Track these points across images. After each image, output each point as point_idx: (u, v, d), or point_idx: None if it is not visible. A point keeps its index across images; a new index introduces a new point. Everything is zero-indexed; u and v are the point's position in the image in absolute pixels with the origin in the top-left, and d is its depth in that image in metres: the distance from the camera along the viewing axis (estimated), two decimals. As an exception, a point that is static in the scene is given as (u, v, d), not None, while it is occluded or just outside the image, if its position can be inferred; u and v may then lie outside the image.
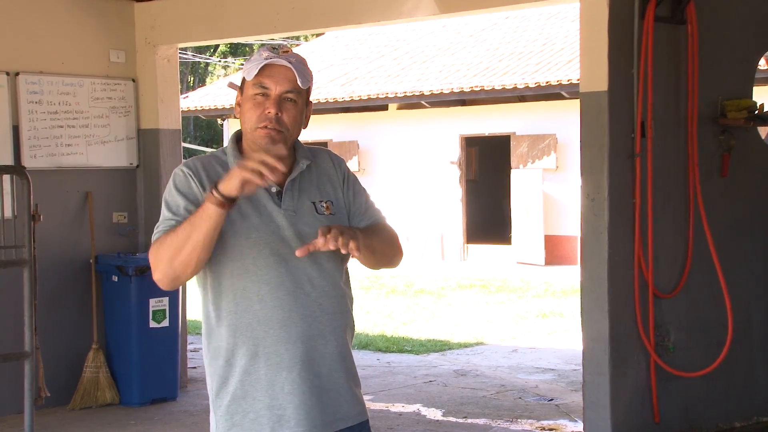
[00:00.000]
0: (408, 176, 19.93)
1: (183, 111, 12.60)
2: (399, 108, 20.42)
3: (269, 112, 2.74)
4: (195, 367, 8.35)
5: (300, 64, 2.78)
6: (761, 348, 6.57)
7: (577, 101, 6.01)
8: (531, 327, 11.31)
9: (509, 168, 19.10)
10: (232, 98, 3.25)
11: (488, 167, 21.01)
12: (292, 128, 2.78)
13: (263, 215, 2.77)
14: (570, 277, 15.01)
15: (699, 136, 6.11)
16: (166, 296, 7.27)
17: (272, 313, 2.75)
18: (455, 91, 18.64)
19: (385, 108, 20.43)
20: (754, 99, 6.46)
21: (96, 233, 7.51)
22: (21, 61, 7.23)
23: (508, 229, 19.33)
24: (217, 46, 36.79)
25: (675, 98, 6.08)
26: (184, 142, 27.30)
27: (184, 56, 32.05)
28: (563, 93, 17.59)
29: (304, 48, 25.17)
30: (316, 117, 18.45)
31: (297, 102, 2.78)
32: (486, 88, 18.27)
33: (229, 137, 3.73)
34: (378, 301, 13.73)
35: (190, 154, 26.51)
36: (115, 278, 7.25)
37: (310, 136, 18.62)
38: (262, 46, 2.84)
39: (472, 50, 20.49)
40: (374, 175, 19.95)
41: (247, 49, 35.52)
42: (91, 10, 7.61)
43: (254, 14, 7.43)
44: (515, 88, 17.94)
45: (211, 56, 38.07)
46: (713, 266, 6.04)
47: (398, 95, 19.43)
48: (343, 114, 20.88)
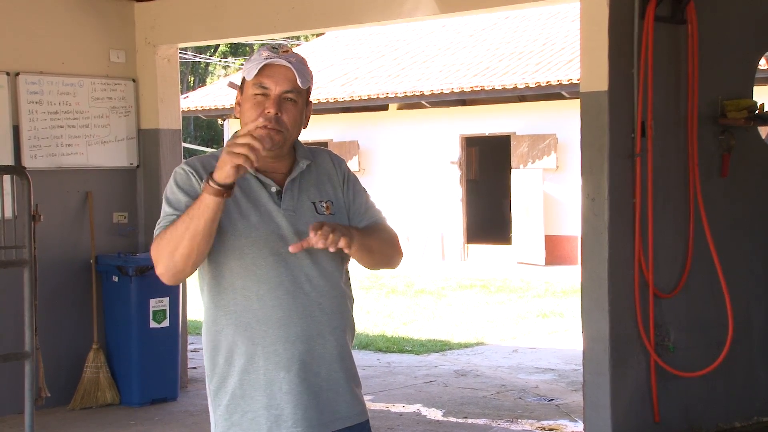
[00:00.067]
0: (408, 176, 19.92)
1: (183, 111, 12.59)
2: (399, 108, 20.41)
3: (269, 112, 2.74)
4: (195, 367, 8.35)
5: (300, 64, 2.77)
6: (761, 348, 6.56)
7: (578, 101, 6.01)
8: (531, 327, 11.30)
9: (509, 168, 19.10)
10: (232, 98, 3.25)
11: (488, 167, 21.01)
12: (291, 128, 2.78)
13: (263, 215, 2.77)
14: (570, 277, 15.00)
15: (699, 136, 6.11)
16: (166, 296, 7.28)
17: (271, 313, 2.75)
18: (455, 91, 18.64)
19: (385, 108, 20.43)
20: (754, 99, 6.46)
21: (96, 233, 7.51)
22: (21, 61, 7.24)
23: (508, 229, 19.32)
24: (217, 46, 36.79)
25: (675, 98, 6.08)
26: (185, 142, 27.28)
27: (184, 56, 32.05)
28: (563, 93, 17.59)
29: (304, 48, 25.16)
30: (317, 117, 18.47)
31: (297, 102, 2.77)
32: (486, 88, 18.26)
33: (229, 137, 3.73)
34: (378, 301, 13.72)
35: (190, 154, 26.50)
36: (116, 278, 7.25)
37: (310, 136, 18.61)
38: (262, 46, 2.84)
39: (472, 50, 20.49)
40: (374, 175, 19.94)
41: (247, 49, 35.51)
42: (91, 10, 7.61)
43: (254, 14, 7.43)
44: (515, 88, 17.94)
45: (211, 56, 38.07)
46: (713, 266, 6.04)
47: (398, 95, 19.42)
48: (343, 114, 20.88)
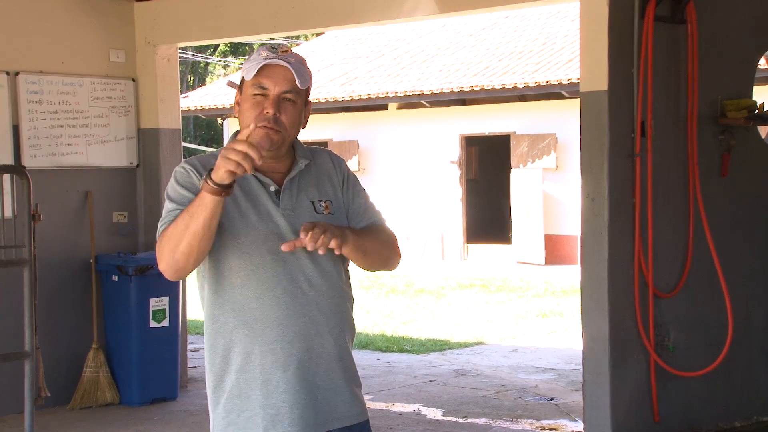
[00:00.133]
0: (408, 176, 19.92)
1: (183, 110, 12.59)
2: (399, 107, 20.41)
3: (268, 112, 2.74)
4: (195, 367, 8.35)
5: (299, 64, 2.77)
6: (761, 348, 6.56)
7: (577, 101, 6.01)
8: (531, 327, 11.30)
9: (509, 167, 19.10)
10: (232, 98, 3.24)
11: (488, 167, 21.02)
12: (290, 128, 2.78)
13: (262, 214, 2.77)
14: (570, 276, 15.00)
15: (699, 136, 6.11)
16: (166, 296, 7.28)
17: (269, 312, 2.75)
18: (455, 90, 18.64)
19: (385, 107, 20.43)
20: (754, 98, 6.45)
21: (96, 233, 7.51)
22: (21, 61, 7.23)
23: (508, 229, 19.33)
24: (217, 45, 36.79)
25: (675, 98, 6.08)
26: (184, 141, 27.29)
27: (184, 56, 32.05)
28: (563, 92, 17.59)
29: (304, 47, 25.16)
30: (316, 117, 18.46)
31: (296, 102, 2.77)
32: (486, 88, 18.26)
33: (228, 137, 3.74)
34: (378, 301, 13.72)
35: (190, 153, 26.50)
36: (115, 278, 7.25)
37: (310, 136, 18.62)
38: (262, 46, 2.84)
39: (472, 50, 20.48)
40: (374, 175, 19.94)
41: (247, 48, 35.50)
42: (91, 10, 7.61)
43: (254, 14, 7.43)
44: (515, 88, 17.94)
45: (211, 56, 38.07)
46: (713, 266, 6.04)
47: (398, 95, 19.42)
48: (343, 113, 20.88)
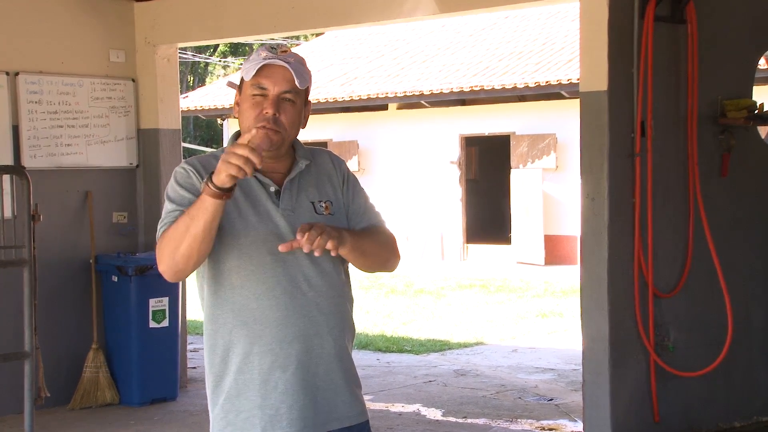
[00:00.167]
0: (408, 176, 19.92)
1: (183, 111, 12.58)
2: (399, 108, 20.41)
3: (267, 112, 2.73)
4: (195, 367, 8.35)
5: (298, 64, 2.77)
6: (761, 348, 6.56)
7: (577, 101, 6.01)
8: (531, 327, 11.30)
9: (509, 168, 19.10)
10: (231, 98, 3.24)
11: (488, 167, 21.02)
12: (290, 128, 2.77)
13: (261, 214, 2.76)
14: (570, 276, 15.00)
15: (699, 136, 6.11)
16: (165, 296, 7.28)
17: (268, 312, 2.74)
18: (455, 90, 18.64)
19: (385, 108, 20.43)
20: (754, 98, 6.45)
21: (96, 233, 7.51)
22: (21, 61, 7.23)
23: (508, 229, 19.32)
24: (217, 45, 36.79)
25: (675, 98, 6.07)
26: (184, 141, 27.29)
27: (184, 56, 32.04)
28: (563, 93, 17.59)
29: (304, 48, 25.16)
30: (316, 117, 18.46)
31: (295, 102, 2.77)
32: (486, 88, 18.26)
33: (228, 137, 3.74)
34: (378, 301, 13.72)
35: (189, 153, 26.50)
36: (115, 278, 7.25)
37: (309, 136, 18.62)
38: (261, 46, 2.84)
39: (471, 50, 20.49)
40: (374, 175, 19.94)
41: (247, 48, 35.50)
42: (90, 10, 7.61)
43: (254, 14, 7.43)
44: (515, 88, 17.94)
45: (210, 56, 38.07)
46: (713, 266, 6.03)
47: (398, 95, 19.42)
48: (342, 114, 20.88)
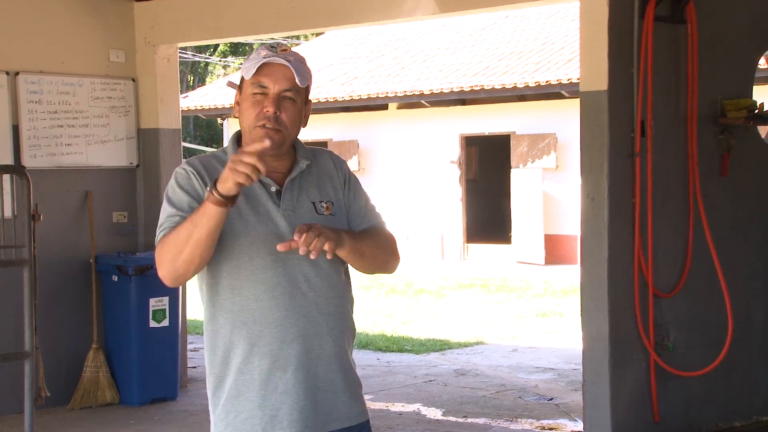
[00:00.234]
0: (408, 176, 19.92)
1: (183, 110, 12.58)
2: (399, 107, 20.41)
3: (268, 110, 2.73)
4: (195, 367, 8.35)
5: (298, 62, 2.77)
6: (761, 348, 6.56)
7: (577, 101, 6.01)
8: (531, 326, 11.30)
9: (509, 167, 19.10)
10: (231, 98, 3.24)
11: (488, 167, 21.01)
12: (290, 127, 2.77)
13: (261, 214, 2.76)
14: (570, 276, 15.00)
15: (699, 136, 6.11)
16: (166, 296, 7.27)
17: (268, 313, 2.74)
18: (455, 90, 18.64)
19: (385, 107, 20.43)
20: (754, 98, 6.45)
21: (96, 233, 7.51)
22: (21, 61, 7.23)
23: (508, 229, 19.32)
24: (217, 45, 36.80)
25: (675, 97, 6.07)
26: (184, 141, 27.27)
27: (184, 56, 32.04)
28: (563, 92, 17.59)
29: (304, 47, 25.15)
30: (316, 116, 18.45)
31: (296, 101, 2.77)
32: (486, 88, 18.26)
33: (228, 137, 3.74)
34: (378, 301, 13.72)
35: (189, 153, 26.50)
36: (115, 278, 7.25)
37: (309, 136, 18.61)
38: (261, 45, 2.83)
39: (472, 49, 20.48)
40: (374, 175, 19.94)
41: (247, 48, 35.49)
42: (90, 9, 7.61)
43: (254, 14, 7.43)
44: (515, 88, 17.94)
45: (210, 56, 38.07)
46: (713, 265, 6.03)
47: (398, 95, 19.42)
48: (342, 113, 20.88)
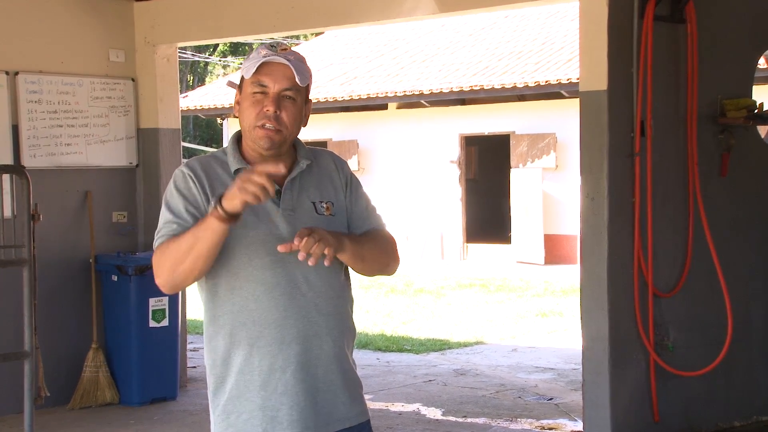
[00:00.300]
0: (408, 175, 19.92)
1: (182, 110, 12.58)
2: (398, 107, 20.41)
3: (268, 110, 2.73)
4: (195, 367, 8.35)
5: (298, 61, 2.76)
6: (761, 348, 6.56)
7: (577, 100, 6.01)
8: (531, 326, 11.30)
9: (509, 167, 19.10)
10: (231, 97, 3.24)
11: (488, 166, 21.02)
12: (291, 126, 2.76)
13: (261, 215, 2.75)
14: (570, 276, 15.00)
15: (699, 136, 6.11)
16: (165, 296, 7.26)
17: (268, 314, 2.74)
18: (455, 90, 18.64)
19: (384, 107, 20.42)
20: (754, 98, 6.45)
21: (95, 233, 7.51)
22: (21, 61, 7.23)
23: (507, 229, 19.32)
24: (217, 45, 36.79)
25: (675, 97, 6.07)
26: (184, 141, 27.28)
27: (184, 56, 32.03)
28: (563, 92, 17.58)
29: (304, 47, 25.15)
30: (316, 116, 18.42)
31: (296, 100, 2.76)
32: (485, 88, 18.26)
33: (228, 136, 3.73)
34: (377, 301, 13.72)
35: (189, 153, 26.52)
36: (115, 278, 7.25)
37: (309, 136, 18.60)
38: (261, 45, 2.83)
39: (471, 49, 20.48)
40: (374, 175, 19.94)
41: (247, 48, 35.47)
42: (90, 9, 7.61)
43: (254, 14, 7.43)
44: (515, 88, 17.94)
45: (210, 56, 38.06)
46: (713, 265, 6.03)
47: (398, 94, 19.42)
48: (342, 113, 20.87)
